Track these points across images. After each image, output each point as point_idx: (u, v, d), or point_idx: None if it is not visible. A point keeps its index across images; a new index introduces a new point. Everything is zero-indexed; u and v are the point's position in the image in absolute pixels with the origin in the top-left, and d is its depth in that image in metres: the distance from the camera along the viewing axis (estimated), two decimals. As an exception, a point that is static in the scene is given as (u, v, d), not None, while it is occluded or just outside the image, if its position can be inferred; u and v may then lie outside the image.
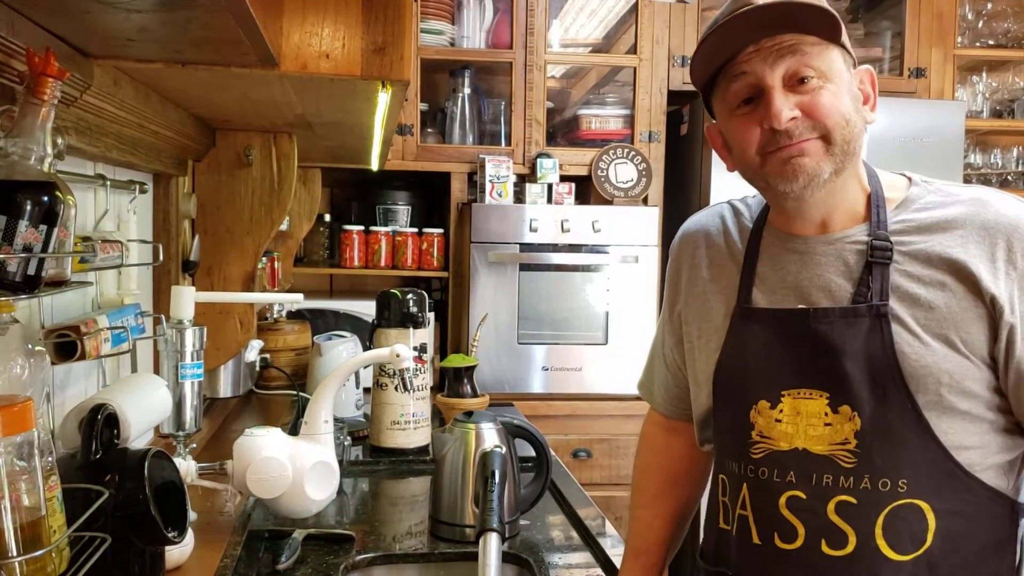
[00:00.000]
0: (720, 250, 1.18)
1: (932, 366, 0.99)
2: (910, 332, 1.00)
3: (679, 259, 1.24)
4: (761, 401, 1.07)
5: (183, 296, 1.52)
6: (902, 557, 1.01)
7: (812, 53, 1.02)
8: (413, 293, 2.09)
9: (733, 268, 1.15)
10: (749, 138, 1.05)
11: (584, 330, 3.01)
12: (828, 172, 1.03)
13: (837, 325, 1.03)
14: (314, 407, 1.52)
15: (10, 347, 0.94)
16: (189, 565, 1.31)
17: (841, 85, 1.03)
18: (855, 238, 1.06)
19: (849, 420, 1.02)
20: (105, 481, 1.04)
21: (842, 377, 1.02)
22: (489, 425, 1.53)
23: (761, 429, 1.07)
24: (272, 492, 1.42)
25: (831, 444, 1.03)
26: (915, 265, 1.02)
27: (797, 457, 1.05)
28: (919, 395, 0.99)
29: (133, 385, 1.34)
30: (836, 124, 1.02)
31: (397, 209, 3.26)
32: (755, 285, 1.12)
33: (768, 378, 1.07)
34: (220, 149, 2.07)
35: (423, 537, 1.54)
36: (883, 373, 1.00)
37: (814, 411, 1.04)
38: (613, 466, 2.96)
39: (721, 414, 1.15)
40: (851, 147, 1.03)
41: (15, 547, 0.81)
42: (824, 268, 1.07)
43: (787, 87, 1.03)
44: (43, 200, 0.89)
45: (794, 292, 1.08)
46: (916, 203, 1.07)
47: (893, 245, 1.04)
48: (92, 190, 1.48)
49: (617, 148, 3.12)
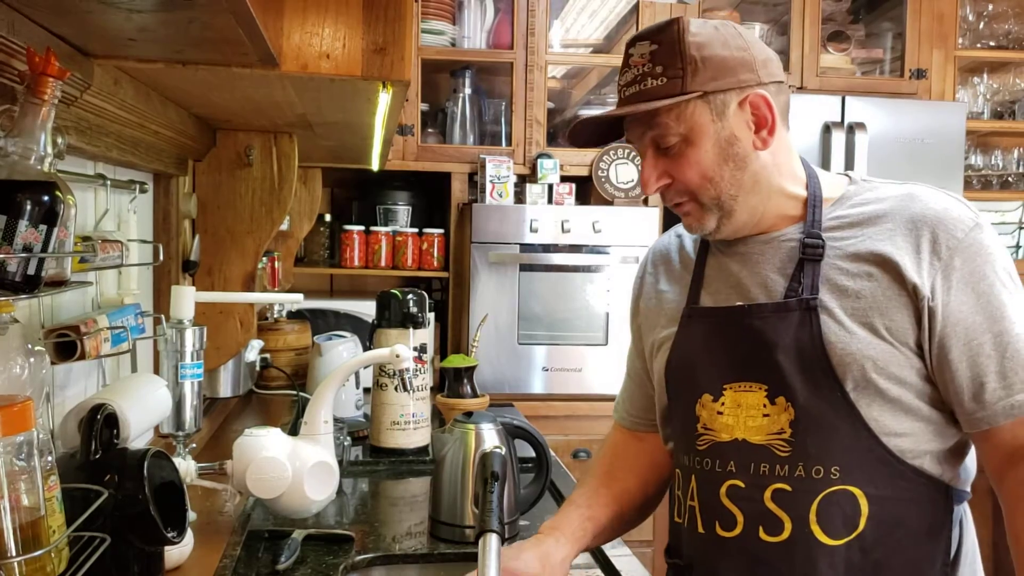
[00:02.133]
0: (674, 264, 1.26)
1: (856, 353, 1.03)
2: (837, 322, 1.05)
3: (640, 279, 1.32)
4: (705, 395, 1.13)
5: (183, 296, 1.52)
6: (836, 542, 1.05)
7: (668, 120, 1.07)
8: (413, 293, 2.09)
9: (686, 277, 1.22)
10: None
11: (584, 330, 3.01)
12: (713, 223, 1.11)
13: (770, 319, 1.08)
14: (314, 407, 1.52)
15: (10, 347, 0.94)
16: (188, 565, 1.31)
17: (703, 141, 1.08)
18: (790, 236, 1.12)
19: (785, 411, 1.06)
20: (104, 481, 1.04)
21: (777, 369, 1.06)
22: (489, 426, 1.53)
23: (705, 422, 1.13)
24: (272, 492, 1.42)
25: (768, 434, 1.07)
26: (845, 259, 1.07)
27: (737, 447, 1.09)
28: (847, 382, 1.03)
29: (133, 385, 1.34)
30: (699, 187, 1.09)
31: (397, 209, 3.26)
32: (703, 288, 1.18)
33: (711, 373, 1.13)
34: (221, 149, 2.07)
35: (423, 538, 1.54)
36: (813, 363, 1.05)
37: (753, 403, 1.09)
38: (613, 467, 2.96)
39: (673, 409, 1.20)
40: (724, 199, 1.10)
41: (14, 547, 0.81)
42: (762, 266, 1.13)
43: (657, 151, 1.11)
44: (43, 200, 0.89)
45: (735, 290, 1.14)
46: (850, 200, 1.12)
47: (825, 241, 1.09)
48: (92, 190, 1.48)
49: (617, 148, 3.12)
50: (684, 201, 1.11)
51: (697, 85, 1.05)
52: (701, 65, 1.05)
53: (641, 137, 1.11)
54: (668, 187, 1.11)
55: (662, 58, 1.06)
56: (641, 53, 1.08)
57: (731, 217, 1.11)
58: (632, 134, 1.14)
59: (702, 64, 1.05)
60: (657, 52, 1.06)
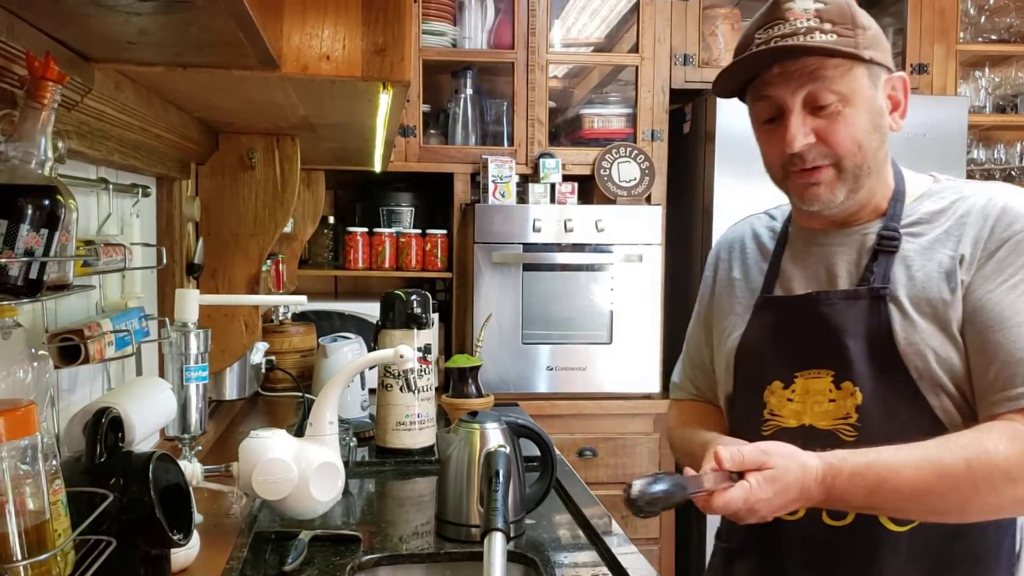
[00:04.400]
0: (749, 253, 1.28)
1: (920, 343, 1.05)
2: (902, 312, 1.06)
3: (713, 266, 1.34)
4: (775, 382, 1.14)
5: (187, 299, 1.52)
6: (900, 528, 1.05)
7: (834, 76, 1.06)
8: (417, 294, 2.08)
9: (761, 266, 1.23)
10: (772, 153, 1.13)
11: (588, 329, 3.00)
12: (842, 196, 1.11)
13: (839, 306, 1.10)
14: (319, 408, 1.52)
15: (13, 351, 0.94)
16: (195, 567, 1.31)
17: (860, 106, 1.08)
18: (870, 230, 1.13)
19: (851, 395, 1.07)
20: (110, 484, 1.04)
21: (844, 354, 1.08)
22: (494, 425, 1.53)
23: (773, 408, 1.14)
24: (278, 494, 1.42)
25: (834, 419, 1.08)
26: (917, 253, 1.09)
27: (803, 433, 1.10)
28: (913, 371, 1.04)
29: (137, 388, 1.35)
30: (848, 151, 1.08)
31: (401, 211, 3.26)
32: (778, 278, 1.20)
33: (782, 361, 1.14)
34: (223, 152, 2.07)
35: (429, 537, 1.54)
36: (880, 349, 1.06)
37: (820, 388, 1.10)
38: (619, 465, 2.96)
39: (739, 396, 1.22)
40: (864, 170, 1.10)
41: (20, 551, 0.81)
42: (839, 257, 1.14)
43: (807, 110, 1.08)
44: (44, 204, 0.89)
45: (810, 281, 1.16)
46: (931, 197, 1.13)
47: (901, 235, 1.10)
48: (95, 194, 1.48)
49: (620, 147, 3.12)
50: (824, 166, 1.09)
51: (865, 50, 1.07)
52: (868, 32, 1.07)
53: (795, 91, 1.08)
54: (812, 147, 1.08)
55: (832, 16, 1.06)
56: (804, 8, 1.06)
57: (856, 194, 1.11)
58: (780, 87, 1.09)
59: (868, 32, 1.07)
60: (825, 11, 1.06)
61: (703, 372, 1.34)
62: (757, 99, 1.13)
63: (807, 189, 1.11)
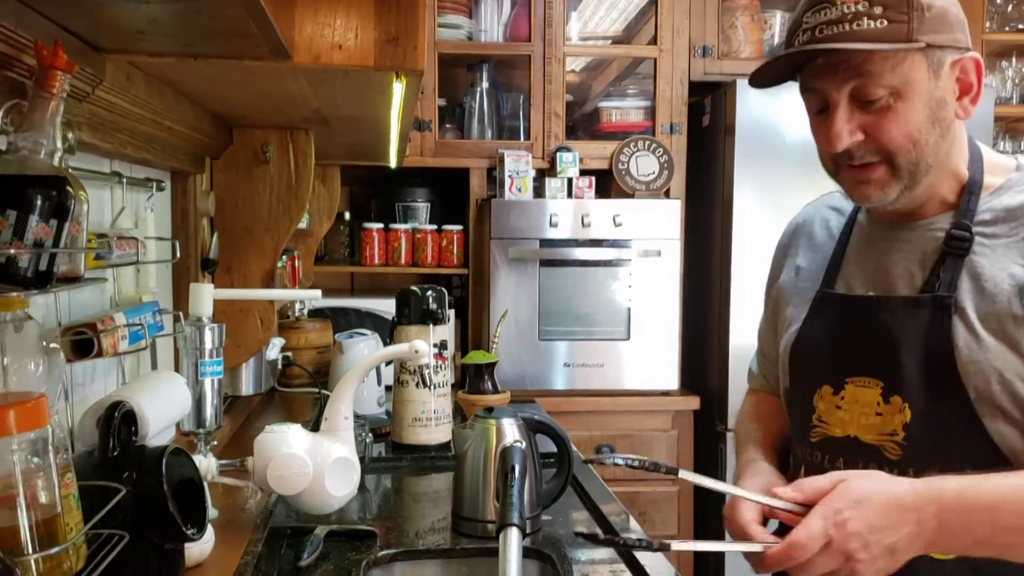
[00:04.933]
0: (817, 240, 1.20)
1: (983, 362, 0.96)
2: (967, 326, 0.97)
3: (783, 247, 1.27)
4: (825, 386, 1.08)
5: (202, 293, 1.51)
6: (943, 555, 0.97)
7: (883, 70, 0.96)
8: (433, 290, 2.07)
9: (826, 255, 1.16)
10: (823, 146, 1.04)
11: (606, 325, 2.98)
12: (895, 194, 1.02)
13: (899, 314, 1.02)
14: (334, 403, 1.51)
15: (25, 344, 0.93)
16: (209, 562, 1.30)
17: (915, 99, 0.98)
18: (938, 226, 1.04)
19: (899, 412, 1.00)
20: (123, 478, 1.03)
21: (897, 367, 1.00)
22: (510, 420, 1.51)
23: (821, 413, 1.08)
24: (293, 488, 1.41)
25: (880, 434, 1.01)
26: (992, 256, 0.99)
27: (848, 444, 1.04)
28: (971, 391, 0.96)
29: (151, 382, 1.34)
30: (900, 148, 0.99)
31: (417, 206, 3.25)
32: (840, 271, 1.13)
33: (834, 364, 1.08)
34: (237, 146, 2.06)
35: (446, 533, 1.52)
36: (937, 365, 0.98)
37: (868, 399, 1.03)
38: (637, 462, 2.93)
39: (792, 395, 1.16)
40: (920, 167, 1.00)
41: (30, 545, 0.80)
42: (903, 256, 1.06)
43: (855, 104, 0.99)
44: (53, 195, 0.88)
45: (871, 279, 1.08)
46: (1012, 189, 1.03)
47: (974, 235, 1.00)
48: (108, 188, 1.48)
49: (638, 140, 3.08)
50: (875, 163, 1.00)
51: (922, 35, 0.95)
52: (928, 14, 0.96)
53: (839, 86, 0.99)
54: (860, 144, 1.00)
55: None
56: None
57: (913, 190, 1.01)
58: (824, 81, 1.00)
59: (928, 12, 0.96)
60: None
61: (772, 363, 1.28)
62: (804, 90, 1.05)
63: (857, 187, 1.03)
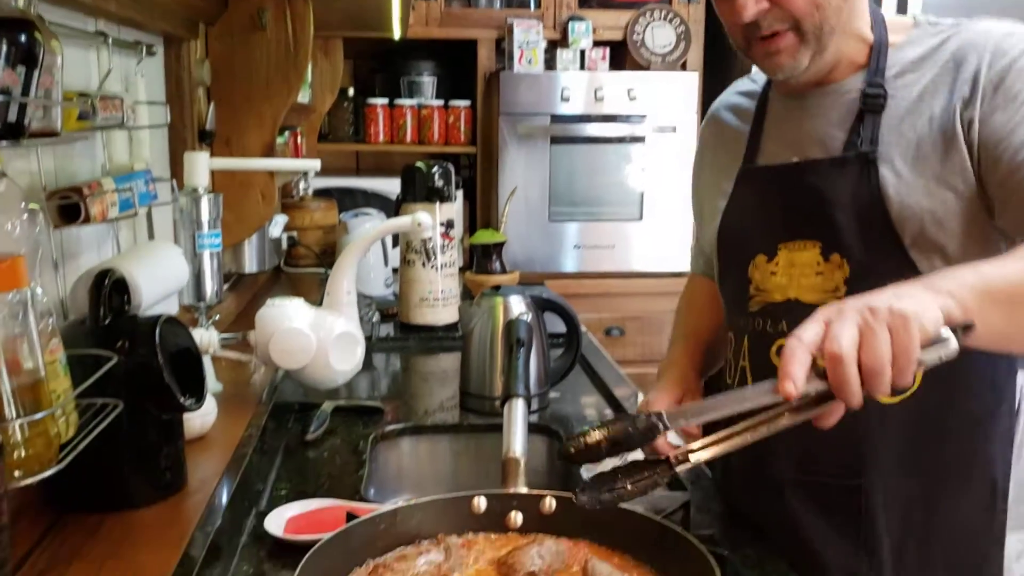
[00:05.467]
0: (731, 123, 1.21)
1: (915, 206, 0.98)
2: (896, 174, 1.00)
3: (702, 139, 1.30)
4: (759, 256, 1.09)
5: (196, 162, 1.45)
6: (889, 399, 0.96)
7: None
8: (439, 166, 2.00)
9: (744, 136, 1.17)
10: (730, 23, 1.04)
11: (618, 205, 2.90)
12: (806, 60, 1.02)
13: (827, 175, 1.03)
14: (336, 278, 1.47)
15: (1, 204, 0.88)
16: (212, 435, 1.29)
17: None
18: (851, 86, 1.06)
19: (839, 268, 1.02)
20: (116, 347, 1.00)
21: (832, 225, 1.02)
22: (517, 297, 1.47)
23: (758, 283, 1.10)
24: (296, 363, 1.38)
25: (822, 292, 1.03)
26: (906, 106, 1.01)
27: (789, 307, 1.06)
28: (905, 237, 0.98)
29: (145, 252, 1.29)
30: (805, 13, 1.00)
31: (422, 81, 3.12)
32: (759, 147, 1.14)
33: (765, 233, 1.09)
34: (232, 12, 1.96)
35: (454, 411, 1.51)
36: (871, 218, 1.00)
37: (807, 261, 1.05)
38: (647, 343, 2.92)
39: (725, 272, 1.18)
40: (826, 29, 1.01)
41: (13, 409, 0.77)
42: (820, 120, 1.07)
43: None
44: (20, 40, 0.82)
45: (792, 147, 1.09)
46: (914, 44, 1.05)
47: (887, 91, 1.02)
48: (94, 49, 1.39)
49: (654, 10, 2.92)
50: (783, 31, 1.01)
51: None
52: None
53: None
54: (766, 12, 1.00)
55: None
56: None
57: (822, 55, 1.02)
58: None
59: None
60: None
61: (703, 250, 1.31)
62: None
63: (768, 58, 1.04)
